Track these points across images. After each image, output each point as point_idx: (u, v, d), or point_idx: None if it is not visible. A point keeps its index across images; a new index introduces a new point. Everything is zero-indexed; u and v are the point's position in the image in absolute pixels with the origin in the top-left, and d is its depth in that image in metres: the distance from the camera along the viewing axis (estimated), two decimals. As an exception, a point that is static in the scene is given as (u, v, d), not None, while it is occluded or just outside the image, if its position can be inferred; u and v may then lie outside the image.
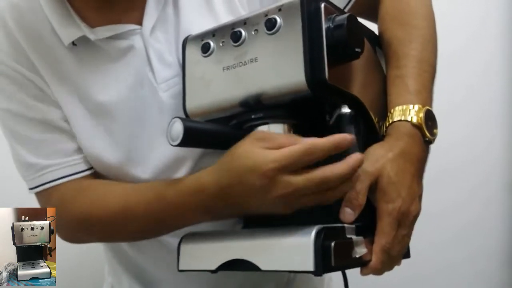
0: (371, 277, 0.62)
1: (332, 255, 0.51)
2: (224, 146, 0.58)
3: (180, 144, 0.53)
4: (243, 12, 0.72)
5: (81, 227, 0.72)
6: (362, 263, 0.58)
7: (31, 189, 0.74)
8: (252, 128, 0.63)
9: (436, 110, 0.68)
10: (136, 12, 0.69)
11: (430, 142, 0.65)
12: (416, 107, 0.64)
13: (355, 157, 0.56)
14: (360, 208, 0.58)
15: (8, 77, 0.70)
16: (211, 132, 0.57)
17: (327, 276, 0.94)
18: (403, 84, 0.67)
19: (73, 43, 0.69)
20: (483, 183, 1.36)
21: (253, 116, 0.61)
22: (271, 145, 0.55)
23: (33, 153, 0.72)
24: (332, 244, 0.51)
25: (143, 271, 0.81)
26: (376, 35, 0.76)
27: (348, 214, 0.58)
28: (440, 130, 0.71)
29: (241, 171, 0.55)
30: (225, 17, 0.71)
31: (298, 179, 0.53)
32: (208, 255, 0.60)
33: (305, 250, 0.51)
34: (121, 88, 0.69)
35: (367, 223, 0.60)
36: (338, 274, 0.77)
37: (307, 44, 0.55)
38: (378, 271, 0.60)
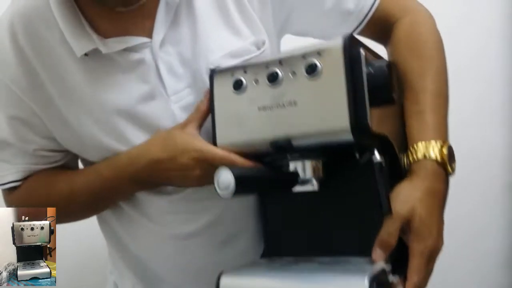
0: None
1: None
2: (269, 189, 0.58)
3: (234, 195, 0.53)
4: (255, 16, 0.73)
5: None
6: None
7: None
8: (283, 167, 0.64)
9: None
10: (147, 22, 0.69)
11: (450, 175, 0.68)
12: (438, 143, 0.66)
13: None
14: (391, 249, 0.60)
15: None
16: (259, 178, 0.57)
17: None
18: (422, 120, 0.69)
19: (85, 54, 0.68)
20: (483, 183, 1.35)
21: (288, 157, 0.62)
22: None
23: None
24: None
25: (145, 267, 0.81)
26: None
27: (379, 254, 0.60)
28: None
29: (174, 150, 0.65)
30: (242, 27, 0.72)
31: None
32: None
33: None
34: (133, 99, 0.69)
35: (397, 257, 0.62)
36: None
37: (350, 90, 0.55)
38: None
